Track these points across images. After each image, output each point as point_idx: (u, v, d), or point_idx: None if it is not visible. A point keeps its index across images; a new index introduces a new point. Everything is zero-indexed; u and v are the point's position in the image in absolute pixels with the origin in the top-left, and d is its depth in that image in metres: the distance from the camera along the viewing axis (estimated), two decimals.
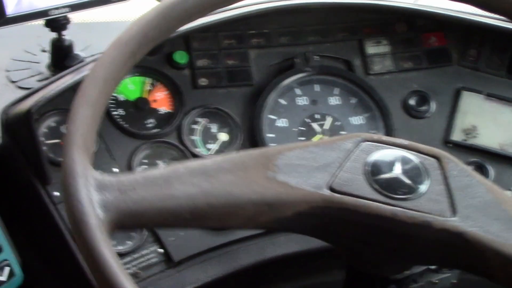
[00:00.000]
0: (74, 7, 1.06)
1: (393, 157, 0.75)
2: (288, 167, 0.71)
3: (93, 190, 0.63)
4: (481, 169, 1.14)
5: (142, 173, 0.69)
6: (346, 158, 0.74)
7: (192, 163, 0.69)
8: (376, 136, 0.77)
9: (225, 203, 0.68)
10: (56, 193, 0.97)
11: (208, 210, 0.67)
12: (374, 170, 0.74)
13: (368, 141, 0.76)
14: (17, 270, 0.94)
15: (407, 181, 0.74)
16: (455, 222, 0.71)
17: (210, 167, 0.69)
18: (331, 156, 0.74)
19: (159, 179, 0.67)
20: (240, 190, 0.69)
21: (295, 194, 0.70)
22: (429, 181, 0.74)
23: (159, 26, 0.75)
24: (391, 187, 0.73)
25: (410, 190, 0.73)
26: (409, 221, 0.71)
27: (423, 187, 0.74)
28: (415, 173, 0.74)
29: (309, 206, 0.70)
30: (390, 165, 0.74)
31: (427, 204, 0.72)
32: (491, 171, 1.14)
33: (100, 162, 1.02)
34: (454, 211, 0.72)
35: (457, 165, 0.76)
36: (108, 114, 1.06)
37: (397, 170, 0.74)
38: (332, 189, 0.71)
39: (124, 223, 0.65)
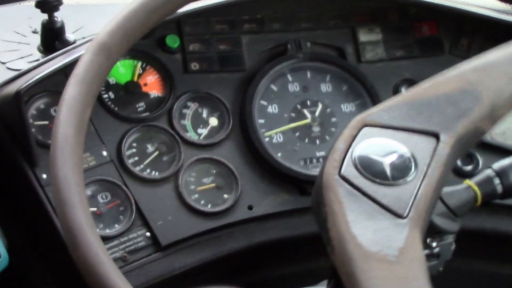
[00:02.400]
0: None
1: (361, 156, 0.73)
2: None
3: None
4: (471, 158, 1.14)
5: None
6: (357, 194, 0.70)
7: None
8: (333, 162, 0.72)
9: None
10: (44, 176, 0.97)
11: None
12: (380, 175, 0.71)
13: (334, 169, 0.72)
14: (3, 252, 0.94)
15: (395, 158, 0.73)
16: (448, 138, 0.73)
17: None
18: (355, 207, 0.69)
19: None
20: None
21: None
22: (394, 140, 0.73)
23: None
24: (403, 169, 0.72)
25: (403, 158, 0.72)
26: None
27: (403, 149, 0.73)
28: (384, 148, 0.73)
29: None
30: (377, 164, 0.72)
31: (422, 147, 0.72)
32: (480, 160, 1.14)
33: (89, 145, 1.02)
34: (434, 134, 0.73)
35: (378, 113, 0.75)
36: (98, 97, 1.05)
37: (383, 158, 0.73)
38: (398, 215, 0.69)
39: None
